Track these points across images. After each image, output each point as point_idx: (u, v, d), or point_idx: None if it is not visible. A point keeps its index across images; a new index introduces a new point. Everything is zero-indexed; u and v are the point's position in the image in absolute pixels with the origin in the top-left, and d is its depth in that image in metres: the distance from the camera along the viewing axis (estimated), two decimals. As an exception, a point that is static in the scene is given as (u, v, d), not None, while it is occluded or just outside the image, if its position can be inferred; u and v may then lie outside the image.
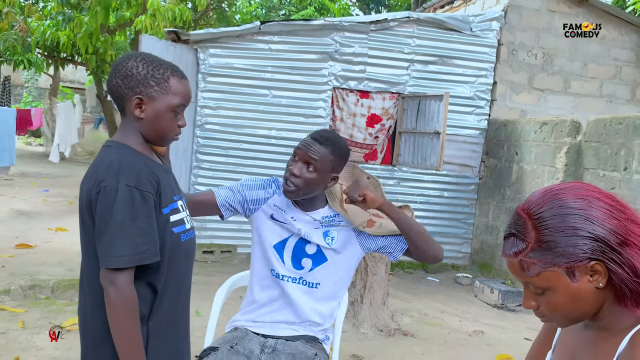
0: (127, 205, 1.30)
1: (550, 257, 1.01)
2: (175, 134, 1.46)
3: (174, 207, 1.45)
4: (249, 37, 5.88)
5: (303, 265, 1.93)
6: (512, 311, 4.99)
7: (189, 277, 1.54)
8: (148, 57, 1.41)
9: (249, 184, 1.98)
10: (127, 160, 1.36)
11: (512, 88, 6.41)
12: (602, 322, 1.07)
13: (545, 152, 5.38)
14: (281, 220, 1.93)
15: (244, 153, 5.96)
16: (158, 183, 1.39)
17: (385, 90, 6.19)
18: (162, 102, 1.39)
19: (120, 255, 1.28)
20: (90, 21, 9.09)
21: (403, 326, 4.14)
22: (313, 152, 1.83)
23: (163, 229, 1.40)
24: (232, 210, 1.95)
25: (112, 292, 1.30)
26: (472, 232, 6.46)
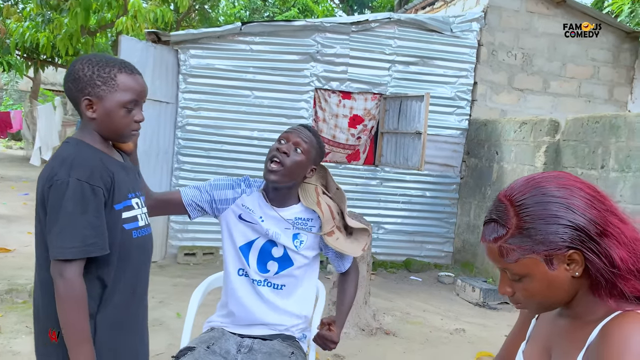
0: (77, 199, 1.32)
1: (529, 244, 1.01)
2: (132, 129, 1.47)
3: (128, 204, 1.47)
4: (230, 38, 5.87)
5: (269, 269, 1.91)
6: (494, 309, 5.03)
7: (143, 274, 1.55)
8: (95, 58, 1.43)
9: (217, 183, 1.96)
10: (82, 155, 1.38)
11: (492, 88, 6.47)
12: (575, 311, 1.08)
13: (525, 151, 5.44)
14: (249, 220, 1.91)
15: (225, 154, 5.94)
16: (112, 179, 1.41)
17: (367, 91, 6.21)
18: (111, 100, 1.40)
19: (68, 246, 1.31)
20: (70, 22, 8.99)
21: (385, 325, 4.15)
22: (304, 136, 1.86)
23: (114, 225, 1.41)
24: (200, 210, 1.93)
25: (60, 284, 1.31)
26: (454, 231, 6.51)
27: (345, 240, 1.94)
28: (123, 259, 1.45)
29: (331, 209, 1.95)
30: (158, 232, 5.76)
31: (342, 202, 2.00)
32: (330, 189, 2.02)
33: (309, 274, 1.98)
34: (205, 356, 1.78)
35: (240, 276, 1.92)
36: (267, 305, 1.91)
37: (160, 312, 4.09)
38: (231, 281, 1.93)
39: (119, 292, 1.45)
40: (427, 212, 6.41)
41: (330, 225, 1.92)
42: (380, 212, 6.30)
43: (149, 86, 5.76)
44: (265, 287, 1.90)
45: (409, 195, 6.36)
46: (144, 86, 1.48)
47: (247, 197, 1.94)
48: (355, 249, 1.95)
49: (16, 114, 14.28)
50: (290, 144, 1.85)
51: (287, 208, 1.92)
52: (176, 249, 5.88)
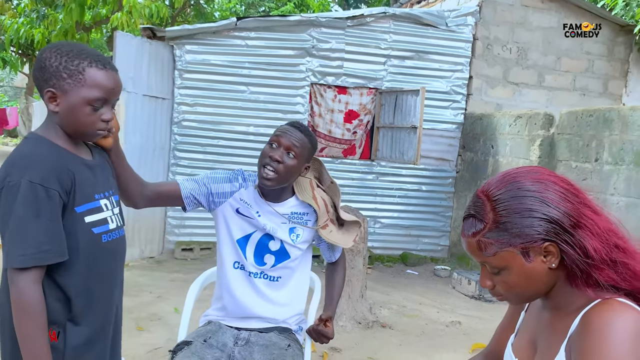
0: (29, 202, 1.22)
1: (506, 238, 1.04)
2: (98, 129, 1.35)
3: (94, 207, 1.37)
4: (226, 33, 5.87)
5: (265, 262, 1.93)
6: (489, 302, 5.07)
7: (115, 278, 1.46)
8: (66, 47, 1.31)
9: (215, 176, 1.96)
10: (38, 154, 1.28)
11: (488, 82, 6.50)
12: (556, 302, 1.11)
13: (520, 144, 5.47)
14: (246, 214, 1.93)
15: (222, 150, 5.95)
16: (72, 180, 1.31)
17: (362, 85, 6.22)
18: (75, 95, 1.29)
19: (19, 254, 1.22)
20: (65, 18, 8.97)
21: (381, 318, 4.19)
22: (295, 139, 1.84)
23: (76, 229, 1.32)
24: (196, 202, 1.93)
25: (13, 292, 1.23)
26: (450, 224, 6.54)
27: (337, 232, 1.97)
28: (91, 265, 1.36)
29: (325, 202, 1.98)
30: (155, 227, 5.78)
31: (335, 196, 2.03)
32: (324, 182, 2.05)
33: (303, 265, 2.02)
34: (202, 350, 1.80)
35: (235, 269, 1.94)
36: (262, 298, 1.94)
37: (158, 307, 4.11)
38: (226, 274, 1.95)
39: (89, 300, 1.36)
40: (423, 206, 6.44)
41: (324, 219, 1.95)
42: (376, 207, 6.33)
43: (144, 82, 5.73)
44: (261, 279, 1.93)
45: (405, 189, 6.39)
46: (116, 83, 1.35)
47: (245, 192, 1.96)
48: (347, 240, 1.98)
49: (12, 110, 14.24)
50: (282, 148, 1.83)
51: (283, 203, 1.94)
52: (173, 245, 5.90)
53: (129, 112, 5.26)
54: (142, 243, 5.63)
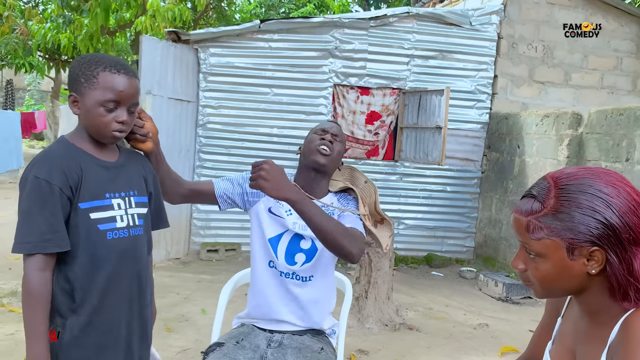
0: (34, 195, 1.34)
1: (558, 228, 1.01)
2: (113, 130, 1.42)
3: (103, 204, 1.43)
4: (249, 36, 5.90)
5: (296, 261, 1.93)
6: (517, 304, 5.00)
7: (124, 276, 1.48)
8: (89, 57, 1.43)
9: (249, 176, 1.98)
10: (50, 152, 1.40)
11: (513, 81, 6.41)
12: (591, 309, 1.08)
13: (547, 144, 5.38)
14: (277, 214, 1.95)
15: (246, 151, 5.98)
16: (79, 176, 1.39)
17: (385, 86, 6.20)
18: (89, 97, 1.40)
19: (25, 242, 1.33)
20: (90, 23, 9.12)
21: (408, 320, 4.16)
22: (338, 130, 1.99)
23: (79, 224, 1.40)
24: (230, 202, 1.97)
25: (23, 278, 1.35)
26: (475, 225, 6.48)
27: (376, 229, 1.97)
28: (95, 260, 1.42)
29: (362, 198, 1.98)
30: (181, 228, 5.84)
31: (370, 195, 2.02)
32: (359, 182, 2.05)
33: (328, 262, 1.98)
34: (234, 351, 1.81)
35: (270, 268, 1.94)
36: (294, 301, 1.93)
37: (186, 309, 4.15)
38: (260, 275, 1.95)
39: (91, 294, 1.41)
40: (448, 207, 6.39)
41: (364, 209, 1.95)
42: (400, 208, 6.30)
43: (169, 85, 5.80)
44: (292, 279, 1.93)
45: (430, 190, 6.34)
46: (128, 87, 1.41)
47: None
48: (384, 238, 1.98)
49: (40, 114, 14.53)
50: (330, 134, 1.96)
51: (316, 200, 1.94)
52: (199, 246, 5.95)
53: (155, 115, 5.30)
54: (168, 244, 5.69)
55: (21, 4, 12.71)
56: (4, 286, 4.35)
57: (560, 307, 1.25)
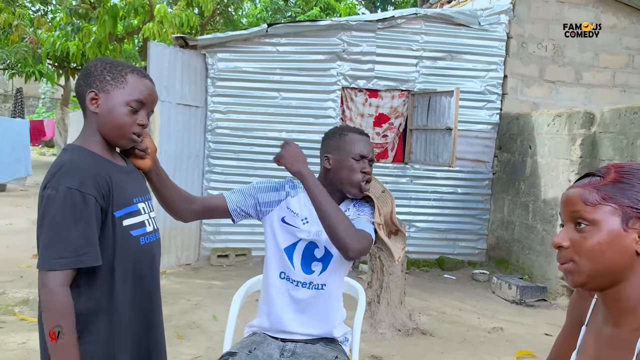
0: (67, 208, 1.27)
1: (617, 195, 1.01)
2: (134, 132, 1.41)
3: (133, 210, 1.42)
4: (257, 40, 5.88)
5: (313, 270, 1.90)
6: (531, 307, 4.93)
7: (154, 280, 1.51)
8: (111, 59, 1.44)
9: (261, 186, 1.95)
10: (74, 161, 1.34)
11: (523, 81, 6.35)
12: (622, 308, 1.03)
13: (559, 144, 5.31)
14: (291, 223, 1.91)
15: (255, 156, 5.96)
16: (109, 184, 1.35)
17: (394, 88, 6.15)
18: (116, 95, 1.38)
19: (57, 257, 1.26)
20: (98, 30, 9.18)
21: (421, 325, 4.11)
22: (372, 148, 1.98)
23: (114, 233, 1.37)
24: (244, 214, 1.93)
25: (42, 293, 1.27)
26: (487, 227, 6.41)
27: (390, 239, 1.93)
28: (128, 267, 1.40)
29: (378, 207, 1.94)
30: (191, 234, 5.83)
31: (387, 205, 1.98)
32: (376, 192, 2.01)
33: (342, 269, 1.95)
34: (247, 360, 1.78)
35: (281, 279, 1.91)
36: (307, 309, 1.90)
37: (197, 315, 4.12)
38: (271, 285, 1.92)
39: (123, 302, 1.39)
40: (459, 209, 6.33)
41: (379, 217, 1.91)
42: (411, 210, 6.24)
43: (178, 91, 5.80)
44: (308, 289, 1.89)
45: (440, 192, 6.29)
46: (153, 92, 1.44)
47: (292, 199, 1.95)
48: (397, 250, 1.94)
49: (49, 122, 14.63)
50: (367, 161, 1.93)
51: None
52: (209, 251, 5.93)
53: (164, 120, 5.31)
54: (179, 250, 5.68)
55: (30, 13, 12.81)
56: (16, 294, 4.35)
57: (583, 315, 1.20)
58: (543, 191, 5.50)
